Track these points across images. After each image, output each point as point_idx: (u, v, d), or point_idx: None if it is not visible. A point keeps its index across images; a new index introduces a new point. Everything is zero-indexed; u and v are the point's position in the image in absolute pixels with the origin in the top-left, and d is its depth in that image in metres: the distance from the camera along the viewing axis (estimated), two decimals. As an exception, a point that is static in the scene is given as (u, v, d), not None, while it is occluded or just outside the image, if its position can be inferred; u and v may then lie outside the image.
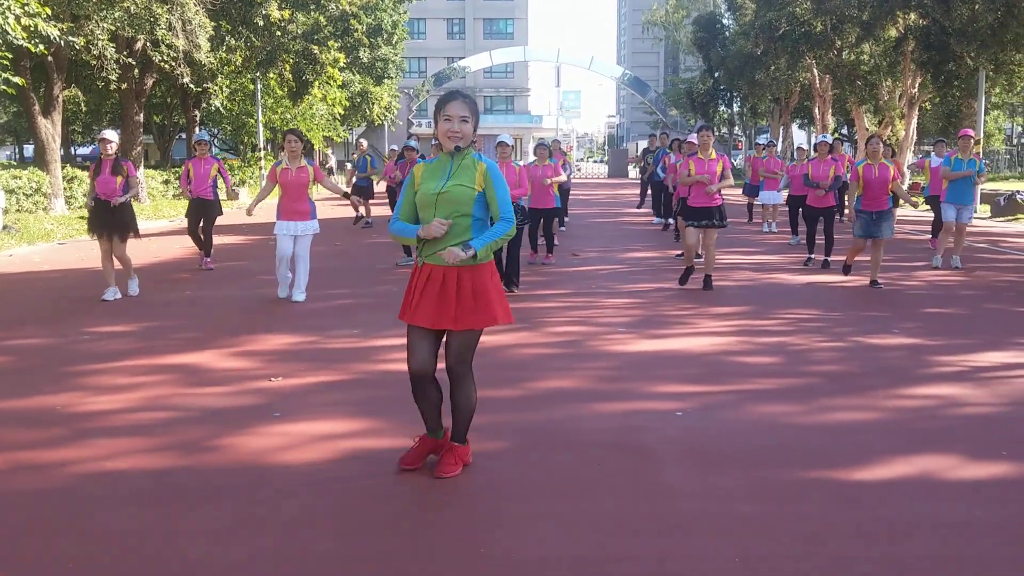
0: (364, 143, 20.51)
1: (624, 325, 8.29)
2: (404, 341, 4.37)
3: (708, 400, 5.78)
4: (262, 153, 35.98)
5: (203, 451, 4.79)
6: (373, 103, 44.50)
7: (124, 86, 24.61)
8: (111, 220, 9.48)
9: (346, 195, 10.30)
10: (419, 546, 3.65)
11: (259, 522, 3.87)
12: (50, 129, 22.67)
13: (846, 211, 11.42)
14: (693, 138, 11.68)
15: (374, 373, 6.54)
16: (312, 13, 29.70)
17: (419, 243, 4.26)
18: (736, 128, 61.52)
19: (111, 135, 9.50)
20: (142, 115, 27.96)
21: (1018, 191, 23.00)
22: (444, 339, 4.34)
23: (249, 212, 10.06)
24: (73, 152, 48.57)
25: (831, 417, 5.41)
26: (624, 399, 5.81)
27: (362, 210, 19.13)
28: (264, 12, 24.94)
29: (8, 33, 15.29)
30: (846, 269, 11.12)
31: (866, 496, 4.15)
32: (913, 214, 21.90)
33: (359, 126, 50.64)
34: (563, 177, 12.87)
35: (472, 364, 4.40)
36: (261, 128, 35.59)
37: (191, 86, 27.09)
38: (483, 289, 4.22)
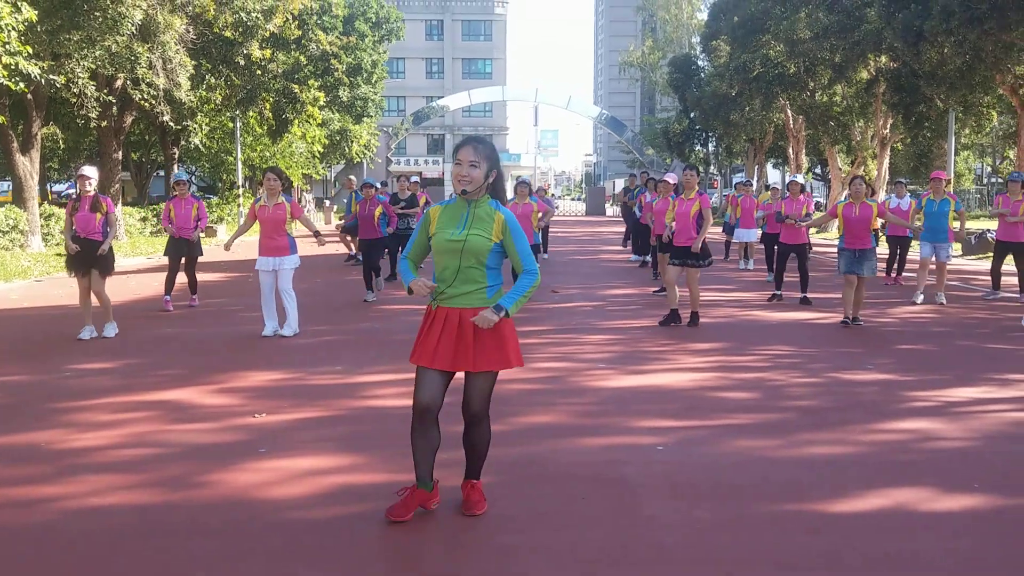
0: (353, 179, 20.62)
1: (605, 361, 8.40)
2: (387, 378, 4.50)
3: (688, 435, 5.88)
4: (240, 191, 36.02)
5: (189, 487, 4.83)
6: (352, 141, 44.76)
7: (104, 123, 24.65)
8: (90, 258, 9.49)
9: (317, 234, 10.30)
10: (406, 578, 3.71)
11: (246, 556, 3.92)
12: (28, 166, 22.67)
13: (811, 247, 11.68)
14: (669, 177, 11.86)
15: (358, 409, 6.60)
16: (292, 53, 29.95)
17: (437, 287, 4.27)
18: (712, 167, 62.23)
19: (90, 171, 9.56)
20: (120, 152, 27.99)
21: (988, 230, 23.39)
22: (464, 383, 4.34)
23: (226, 247, 10.15)
24: (49, 188, 48.38)
25: (807, 451, 5.53)
26: (606, 434, 5.90)
27: (354, 247, 19.27)
28: (245, 51, 25.12)
29: (-11, 71, 15.37)
30: (848, 320, 10.65)
31: (842, 528, 4.25)
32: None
33: (338, 164, 50.82)
34: (552, 215, 13.10)
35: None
36: (240, 166, 35.67)
37: (171, 124, 27.20)
38: (499, 331, 4.25)
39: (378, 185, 13.20)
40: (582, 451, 5.51)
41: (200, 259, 12.43)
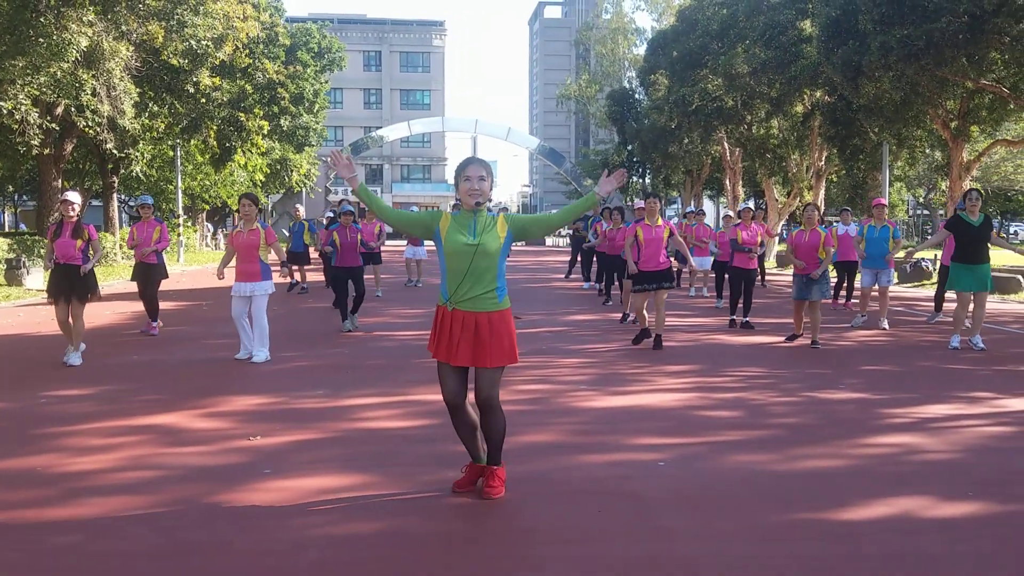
0: (300, 209, 20.54)
1: (586, 383, 8.52)
2: (374, 401, 4.69)
3: (685, 451, 6.01)
4: (180, 219, 35.51)
5: (205, 507, 4.80)
6: (292, 170, 44.53)
7: (46, 151, 24.18)
8: (72, 284, 9.35)
9: (284, 264, 10.38)
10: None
11: (281, 572, 3.92)
12: (-34, 193, 22.10)
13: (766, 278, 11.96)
14: (640, 204, 12.10)
15: (353, 431, 6.59)
16: (238, 81, 29.77)
17: (450, 288, 4.76)
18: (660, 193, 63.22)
19: (74, 197, 9.45)
20: (60, 180, 27.44)
21: (923, 259, 24.22)
22: (476, 375, 4.83)
23: (218, 276, 10.02)
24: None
25: (804, 464, 5.70)
26: (605, 451, 6.00)
27: (297, 276, 19.16)
28: (195, 79, 24.90)
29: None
30: (791, 337, 11.46)
31: (855, 533, 4.41)
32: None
33: (277, 192, 50.44)
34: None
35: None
36: (180, 195, 35.19)
37: (113, 152, 26.79)
38: (508, 331, 4.80)
39: (353, 211, 13.14)
40: (586, 467, 5.60)
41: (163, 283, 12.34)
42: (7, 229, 56.54)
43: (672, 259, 11.89)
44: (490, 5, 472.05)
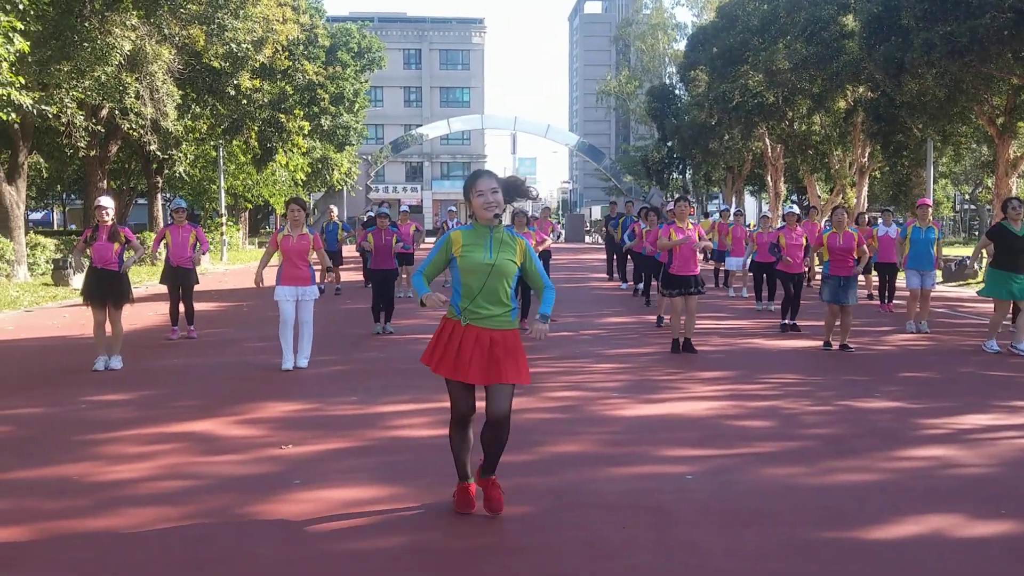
0: (335, 210, 20.72)
1: (617, 390, 8.51)
2: (406, 408, 4.74)
3: (714, 464, 5.98)
4: (223, 219, 35.97)
5: (235, 518, 4.86)
6: (333, 169, 44.87)
7: (92, 153, 24.60)
8: (108, 288, 9.49)
9: (329, 269, 10.37)
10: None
11: (309, 587, 3.97)
12: (14, 196, 22.57)
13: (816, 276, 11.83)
14: (671, 206, 12.04)
15: (383, 440, 6.64)
16: (279, 82, 30.05)
17: (464, 304, 4.71)
18: (690, 195, 62.80)
19: (107, 202, 9.59)
20: (105, 181, 27.94)
21: (967, 257, 23.81)
22: (490, 391, 4.73)
23: (257, 283, 9.88)
24: (27, 216, 47.96)
25: (834, 479, 5.64)
26: (634, 463, 5.99)
27: (331, 277, 19.35)
28: (236, 81, 25.19)
29: (-19, 102, 15.35)
30: (826, 344, 11.21)
31: (886, 553, 4.36)
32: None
33: (319, 191, 50.86)
34: (549, 243, 13.26)
35: None
36: (223, 194, 35.63)
37: (156, 152, 27.21)
38: (518, 350, 4.77)
39: (389, 214, 13.23)
40: (613, 480, 5.59)
41: (196, 287, 12.43)
42: (56, 228, 57.62)
43: (701, 255, 11.81)
44: (530, 2, 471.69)
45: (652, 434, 6.80)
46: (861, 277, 16.90)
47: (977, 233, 58.33)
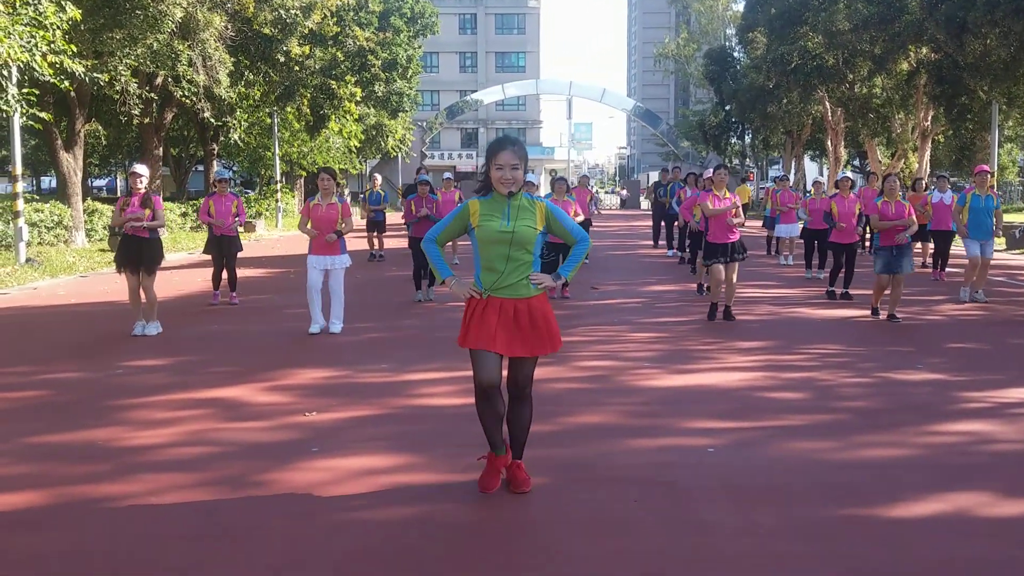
0: (378, 178, 20.74)
1: (650, 360, 8.38)
2: (435, 376, 4.61)
3: (739, 436, 5.85)
4: (279, 186, 36.31)
5: (248, 486, 4.88)
6: (388, 136, 44.95)
7: (146, 120, 24.94)
8: (139, 255, 9.61)
9: (339, 235, 10.07)
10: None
11: (312, 558, 3.96)
12: (72, 163, 22.99)
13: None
14: (709, 172, 11.80)
15: (407, 408, 6.63)
16: (330, 49, 30.08)
17: (485, 276, 4.58)
18: (748, 160, 61.77)
19: (142, 170, 9.70)
20: (161, 148, 28.35)
21: (1034, 224, 23.04)
22: (512, 363, 4.67)
23: (309, 233, 9.79)
24: (90, 184, 49.04)
25: (862, 454, 5.47)
26: (655, 435, 5.89)
27: (376, 244, 19.56)
28: (285, 48, 25.28)
29: (35, 70, 15.58)
30: (874, 311, 10.97)
31: (903, 534, 4.21)
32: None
33: (374, 158, 51.06)
34: (582, 217, 13.06)
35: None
36: (278, 161, 35.95)
37: (210, 120, 27.49)
38: (547, 318, 4.65)
39: (431, 180, 13.19)
40: (632, 453, 5.50)
41: (240, 255, 12.57)
42: (119, 194, 58.83)
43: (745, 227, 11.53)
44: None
45: (679, 406, 6.68)
46: (918, 245, 16.48)
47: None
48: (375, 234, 19.60)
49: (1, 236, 19.46)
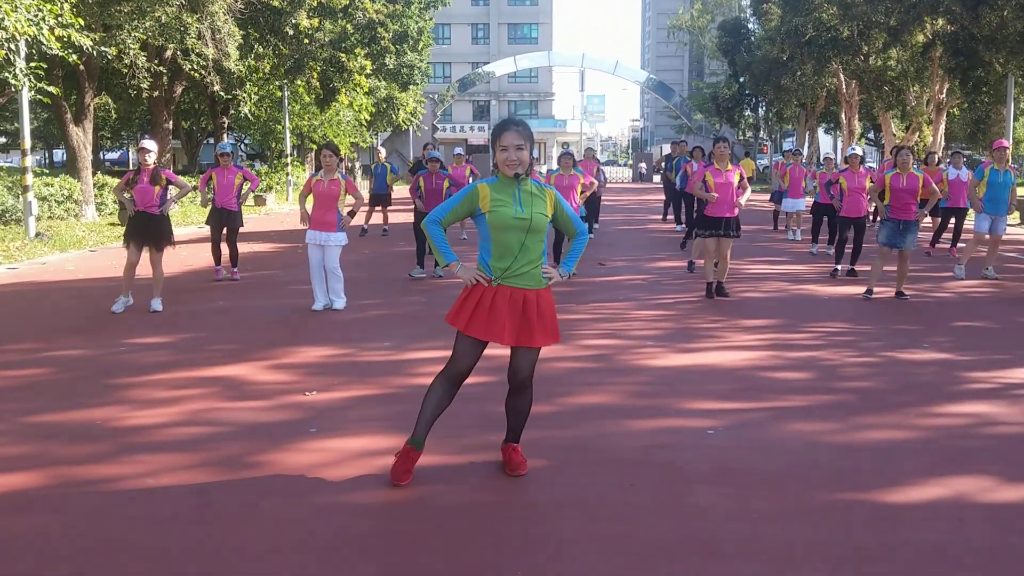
0: (383, 151, 20.64)
1: (654, 339, 8.34)
2: (436, 355, 4.52)
3: (739, 418, 5.81)
4: (289, 159, 36.24)
5: (243, 467, 4.88)
6: (399, 109, 44.72)
7: (155, 94, 24.89)
8: (149, 230, 9.60)
9: (351, 214, 10.09)
10: (457, 568, 3.71)
11: (300, 542, 3.95)
12: (81, 137, 22.99)
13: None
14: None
15: (407, 387, 6.61)
16: (339, 21, 29.90)
17: (496, 263, 4.47)
18: (761, 132, 61.30)
19: (150, 145, 9.66)
20: (171, 122, 28.30)
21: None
22: (514, 354, 4.60)
23: (302, 220, 10.01)
24: (102, 157, 49.08)
25: (863, 436, 5.43)
26: (655, 415, 5.86)
27: (380, 218, 19.63)
28: (293, 21, 25.13)
29: (43, 43, 15.52)
30: (868, 293, 10.71)
31: (899, 519, 4.17)
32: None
33: (385, 131, 50.86)
34: (596, 185, 12.95)
35: None
36: (288, 134, 35.85)
37: (220, 93, 27.41)
38: (551, 310, 4.59)
39: (441, 157, 13.13)
40: (631, 434, 5.47)
41: (242, 230, 12.54)
42: (130, 167, 58.91)
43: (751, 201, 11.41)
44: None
45: (680, 385, 6.64)
46: (927, 220, 16.31)
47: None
48: (379, 208, 19.53)
49: (11, 210, 19.51)
